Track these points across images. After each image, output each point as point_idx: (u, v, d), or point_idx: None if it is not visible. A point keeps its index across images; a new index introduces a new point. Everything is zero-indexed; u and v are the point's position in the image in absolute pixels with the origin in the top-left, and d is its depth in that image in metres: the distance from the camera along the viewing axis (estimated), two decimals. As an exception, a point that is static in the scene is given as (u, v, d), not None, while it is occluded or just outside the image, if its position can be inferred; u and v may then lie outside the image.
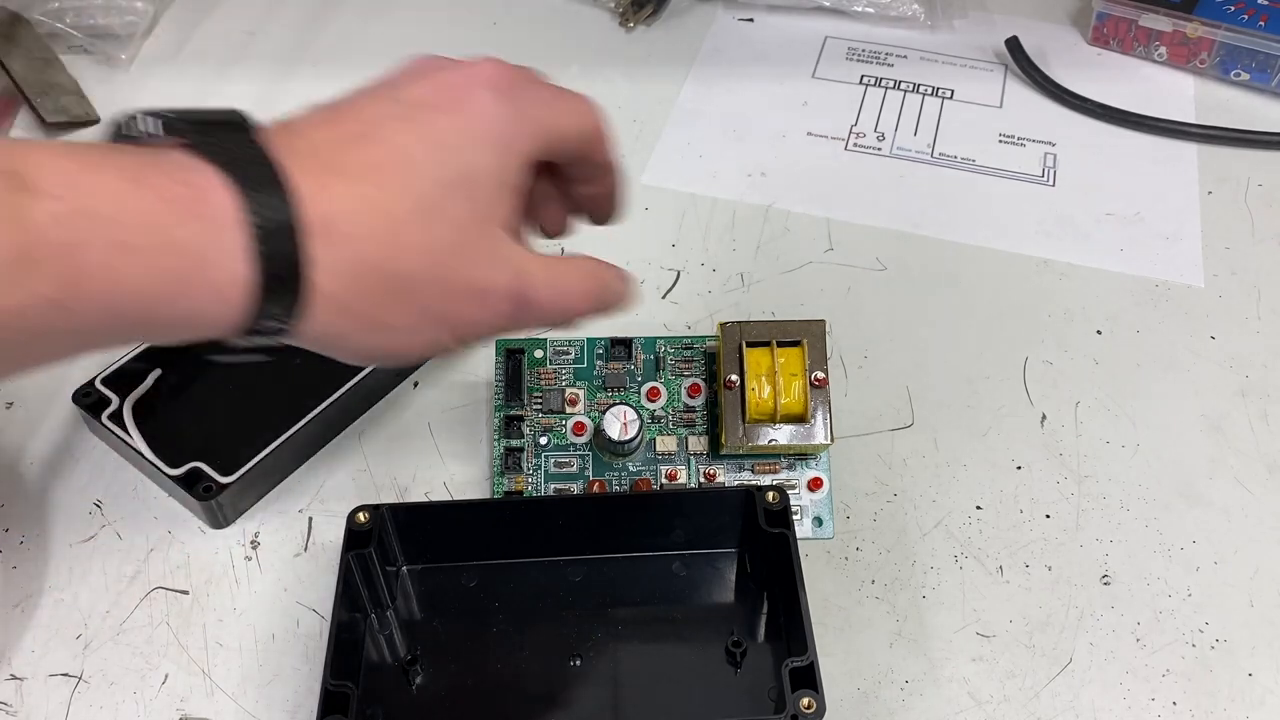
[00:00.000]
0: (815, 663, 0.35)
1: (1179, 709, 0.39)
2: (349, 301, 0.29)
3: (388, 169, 0.30)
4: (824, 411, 0.42)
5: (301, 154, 0.29)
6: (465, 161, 0.31)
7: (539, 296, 0.33)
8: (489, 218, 0.32)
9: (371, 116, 0.31)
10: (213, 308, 0.27)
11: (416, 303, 0.30)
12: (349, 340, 0.30)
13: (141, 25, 0.66)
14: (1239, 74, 0.62)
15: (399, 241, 0.29)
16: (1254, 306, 0.52)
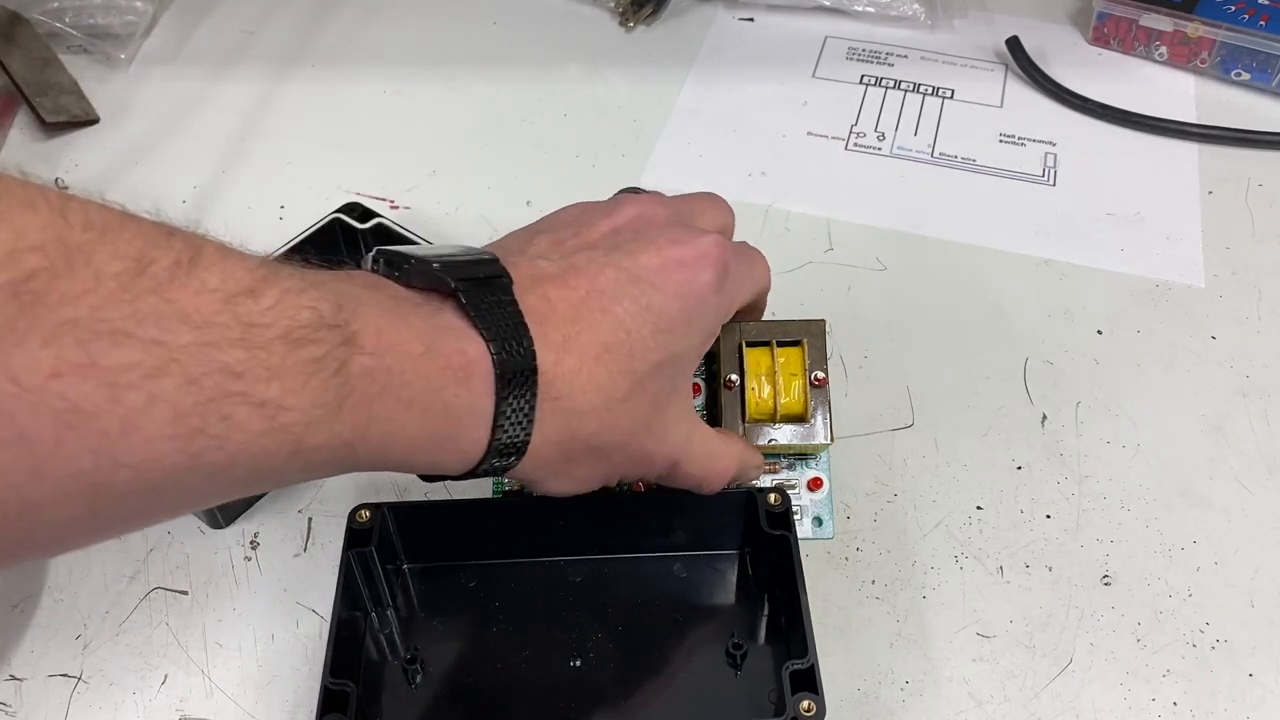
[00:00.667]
0: (816, 665, 0.35)
1: (1179, 709, 0.39)
2: (553, 461, 0.33)
3: (614, 349, 0.32)
4: (824, 411, 0.41)
5: (545, 321, 0.31)
6: (680, 344, 0.34)
7: (689, 469, 0.37)
8: (679, 393, 0.35)
9: (606, 287, 0.33)
10: (453, 461, 0.31)
11: (606, 463, 0.34)
12: (540, 481, 0.34)
13: (141, 25, 0.66)
14: (1240, 74, 0.62)
15: (608, 419, 0.33)
16: (1254, 306, 0.52)
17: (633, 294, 0.33)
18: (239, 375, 0.24)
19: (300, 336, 0.25)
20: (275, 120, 0.62)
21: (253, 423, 0.25)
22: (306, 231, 0.52)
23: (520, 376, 0.30)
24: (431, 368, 0.29)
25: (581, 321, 0.32)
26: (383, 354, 0.27)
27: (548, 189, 0.58)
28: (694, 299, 0.34)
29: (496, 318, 0.30)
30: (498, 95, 0.63)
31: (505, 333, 0.30)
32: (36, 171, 0.62)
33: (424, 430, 0.29)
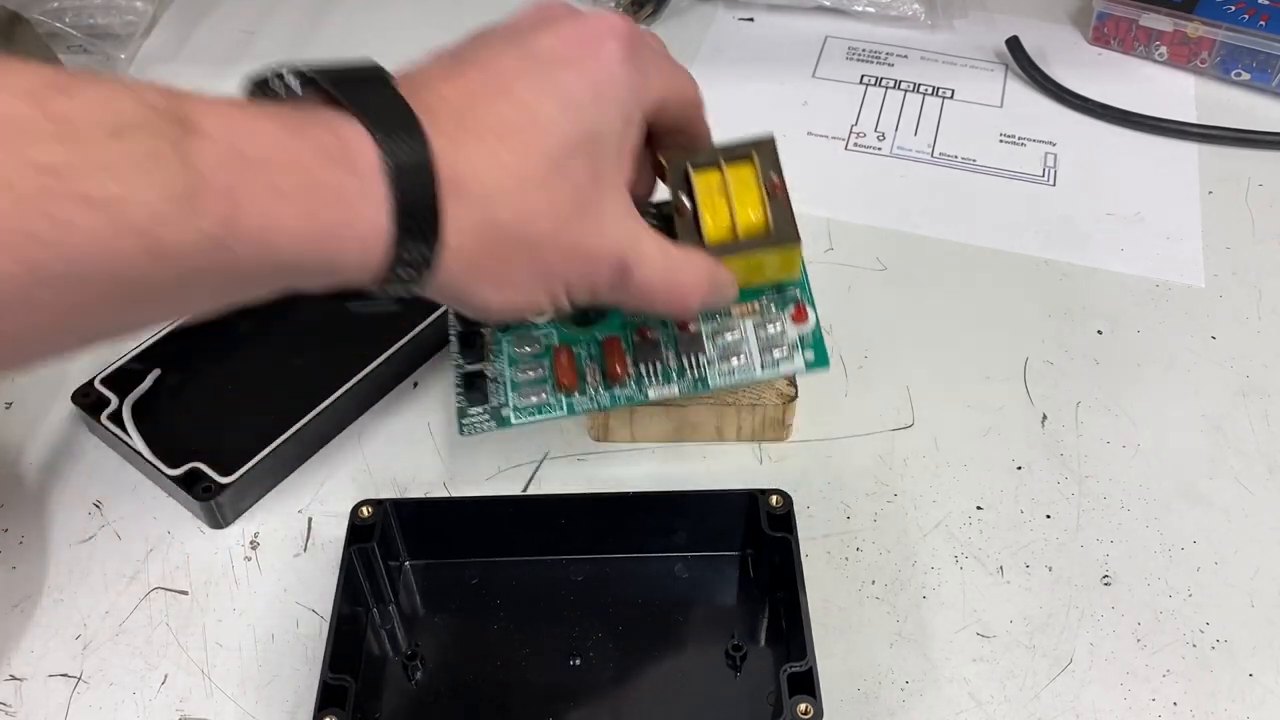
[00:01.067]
0: (814, 668, 0.35)
1: (1179, 709, 0.39)
2: (477, 258, 0.30)
3: (519, 129, 0.30)
4: (785, 216, 0.37)
5: (436, 111, 0.29)
6: (592, 120, 0.31)
7: (647, 275, 0.34)
8: (609, 180, 0.33)
9: (500, 70, 0.31)
10: (356, 254, 0.28)
11: (539, 261, 0.31)
12: (473, 292, 0.31)
13: (140, 25, 0.66)
14: (1240, 74, 0.62)
15: (527, 204, 0.30)
16: (1255, 306, 0.52)
17: (532, 72, 0.31)
18: (59, 173, 0.23)
19: (123, 125, 0.24)
20: (275, 120, 0.62)
21: (90, 222, 0.23)
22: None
23: (410, 157, 0.28)
24: (300, 148, 0.27)
25: (478, 106, 0.30)
26: (234, 140, 0.26)
27: (548, 189, 0.58)
28: (601, 71, 0.32)
29: (374, 105, 0.28)
30: (498, 95, 0.63)
31: (386, 117, 0.28)
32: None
33: (309, 220, 0.27)
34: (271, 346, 0.48)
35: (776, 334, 0.40)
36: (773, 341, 0.40)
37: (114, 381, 0.46)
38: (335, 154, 0.27)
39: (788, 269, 0.39)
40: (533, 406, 0.40)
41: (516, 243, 0.31)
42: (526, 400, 0.40)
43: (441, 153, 0.28)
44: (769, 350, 0.40)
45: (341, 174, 0.27)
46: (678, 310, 0.36)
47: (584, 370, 0.40)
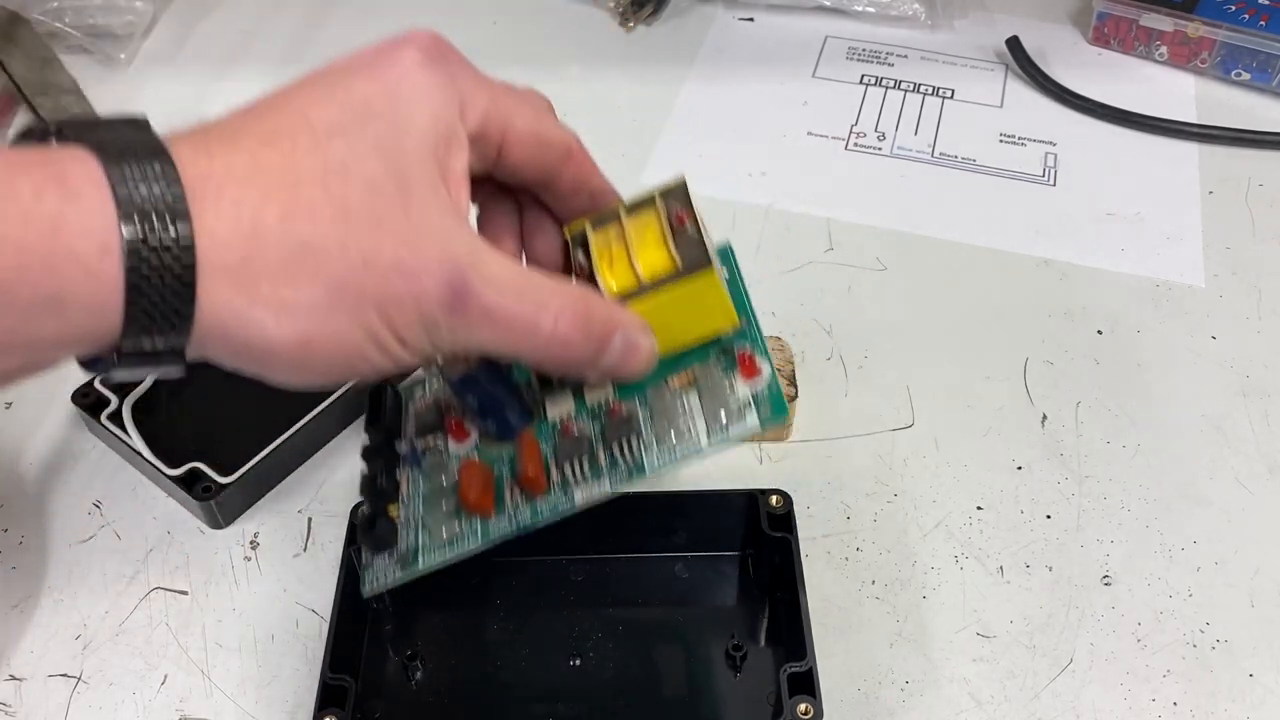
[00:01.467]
0: (814, 668, 0.35)
1: (1180, 709, 0.39)
2: (245, 275, 0.24)
3: (287, 132, 0.26)
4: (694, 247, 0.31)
5: (190, 133, 0.25)
6: (384, 121, 0.27)
7: (489, 295, 0.27)
8: (418, 188, 0.27)
9: (282, 92, 0.27)
10: (83, 289, 0.23)
11: (325, 273, 0.25)
12: (251, 327, 0.25)
13: (141, 25, 0.66)
14: (1240, 74, 0.62)
15: (299, 202, 0.25)
16: (1255, 306, 0.52)
17: (312, 82, 0.27)
18: None
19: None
20: (275, 120, 0.62)
21: None
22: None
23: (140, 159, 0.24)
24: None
25: (243, 120, 0.26)
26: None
27: (548, 189, 0.58)
28: (395, 75, 0.28)
29: (109, 133, 0.24)
30: (498, 95, 0.63)
31: (117, 139, 0.24)
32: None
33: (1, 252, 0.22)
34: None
35: (724, 394, 0.33)
36: (721, 403, 0.33)
37: (114, 381, 0.46)
38: (33, 169, 0.23)
39: (718, 313, 0.32)
40: (442, 543, 0.34)
41: (293, 249, 0.25)
42: (437, 537, 0.34)
43: (184, 158, 0.24)
44: (716, 414, 0.33)
45: (41, 189, 0.23)
46: (556, 351, 0.29)
47: (502, 490, 0.34)
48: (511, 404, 0.34)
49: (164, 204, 0.23)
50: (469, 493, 0.33)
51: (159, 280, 0.24)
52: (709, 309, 0.32)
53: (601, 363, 0.30)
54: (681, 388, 0.33)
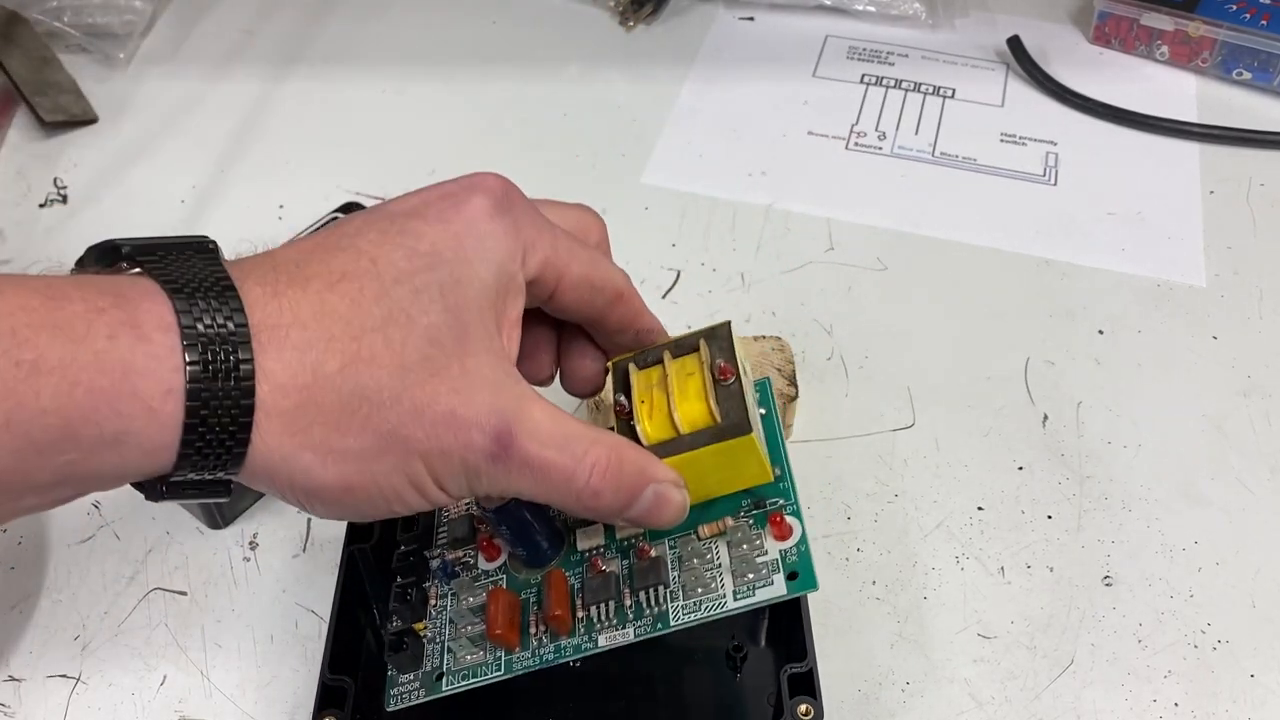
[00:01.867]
0: (815, 669, 0.35)
1: (1181, 710, 0.38)
2: (299, 420, 0.25)
3: (355, 275, 0.26)
4: (736, 405, 0.31)
5: (259, 267, 0.26)
6: (450, 270, 0.27)
7: (530, 447, 0.27)
8: (475, 337, 0.27)
9: (349, 229, 0.28)
10: (143, 428, 0.24)
11: (376, 422, 0.26)
12: (298, 469, 0.26)
13: (140, 24, 0.66)
14: (1241, 73, 0.62)
15: (361, 352, 0.26)
16: (1256, 306, 0.52)
17: (382, 226, 0.27)
18: None
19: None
20: (274, 120, 0.62)
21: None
22: (305, 231, 0.52)
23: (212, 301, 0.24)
24: (63, 314, 0.23)
25: (310, 259, 0.26)
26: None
27: (547, 189, 0.57)
28: (462, 222, 0.28)
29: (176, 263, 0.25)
30: (498, 95, 0.63)
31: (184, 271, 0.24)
32: (35, 171, 0.62)
33: (73, 396, 0.23)
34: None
35: (753, 552, 0.32)
36: (749, 562, 0.32)
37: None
38: (108, 311, 0.23)
39: (753, 470, 0.32)
40: (466, 669, 0.34)
41: (348, 398, 0.25)
42: (462, 662, 0.34)
43: (255, 302, 0.25)
44: (744, 573, 0.32)
45: (115, 332, 0.23)
46: (587, 501, 0.29)
47: (527, 620, 0.34)
48: (544, 533, 0.34)
49: (230, 351, 0.24)
50: (495, 625, 0.33)
51: (216, 421, 0.24)
52: (745, 467, 0.32)
53: (630, 513, 0.30)
54: (711, 536, 0.33)
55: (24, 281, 0.24)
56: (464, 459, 0.27)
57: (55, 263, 0.54)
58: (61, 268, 0.50)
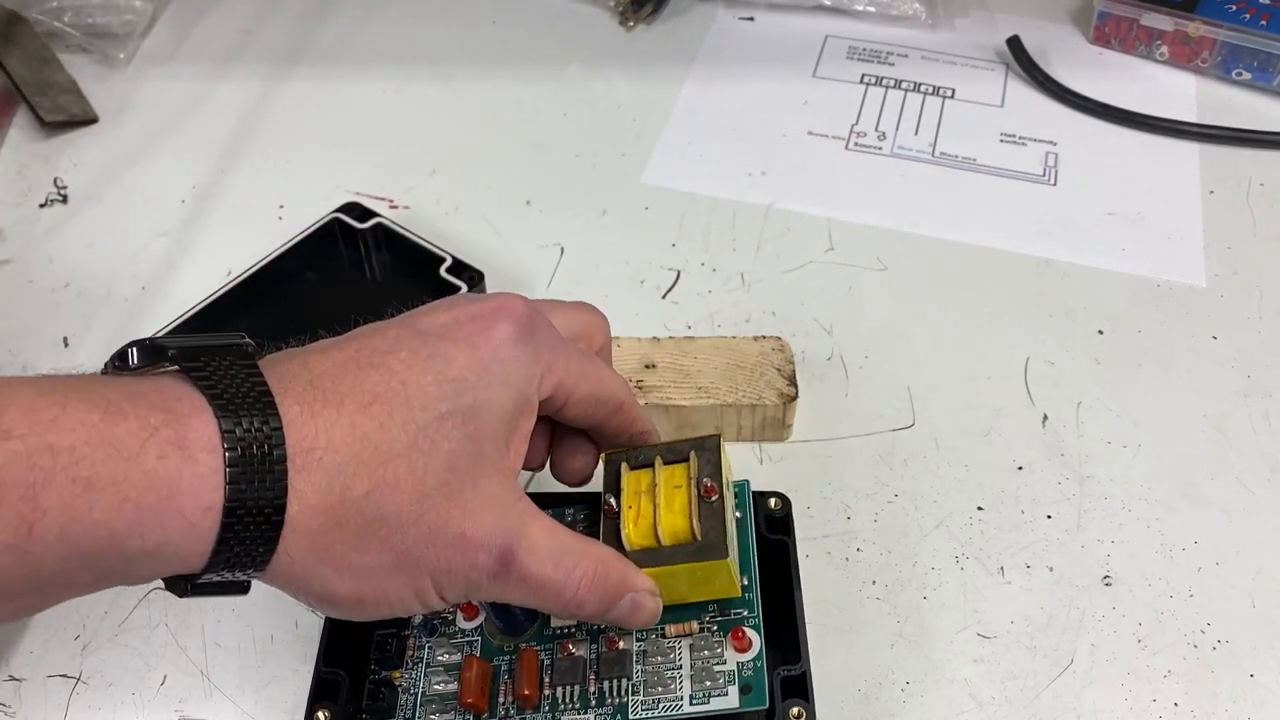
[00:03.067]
0: (808, 671, 0.35)
1: (1180, 710, 0.38)
2: (323, 538, 0.27)
3: (386, 398, 0.28)
4: (716, 525, 0.33)
5: (297, 380, 0.27)
6: (474, 397, 0.29)
7: (529, 565, 0.30)
8: (488, 459, 0.30)
9: (379, 343, 0.30)
10: (181, 540, 0.25)
11: (393, 543, 0.28)
12: (316, 580, 0.28)
13: (140, 24, 0.66)
14: (1240, 73, 0.62)
15: (386, 478, 0.28)
16: (1256, 306, 0.52)
17: (412, 345, 0.29)
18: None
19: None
20: (274, 120, 0.62)
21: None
22: (306, 231, 0.52)
23: (254, 424, 0.26)
24: (118, 433, 0.24)
25: (345, 376, 0.28)
26: (40, 432, 0.24)
27: (547, 189, 0.58)
28: (488, 348, 0.30)
29: (221, 374, 0.26)
30: (498, 95, 0.63)
31: (229, 384, 0.26)
32: (35, 171, 0.62)
33: (122, 511, 0.24)
34: (272, 344, 0.48)
35: (713, 660, 0.34)
36: (708, 670, 0.34)
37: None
38: (160, 431, 0.25)
39: (724, 585, 0.34)
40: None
41: (370, 520, 0.27)
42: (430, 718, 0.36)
43: (291, 422, 0.26)
44: (702, 679, 0.34)
45: (165, 453, 0.25)
46: (572, 610, 0.32)
47: (498, 688, 0.36)
48: (521, 610, 0.36)
49: (268, 473, 0.26)
50: (468, 692, 0.35)
51: (247, 535, 0.26)
52: (717, 582, 0.34)
53: (608, 616, 0.32)
54: (676, 636, 0.35)
55: (86, 391, 0.25)
56: (468, 576, 0.30)
57: (55, 262, 0.54)
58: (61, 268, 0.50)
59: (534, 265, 0.54)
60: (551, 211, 0.56)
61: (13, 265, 0.54)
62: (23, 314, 0.52)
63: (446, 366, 0.29)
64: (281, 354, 0.29)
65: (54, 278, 0.54)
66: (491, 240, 0.55)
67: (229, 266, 0.52)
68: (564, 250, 0.54)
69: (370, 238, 0.52)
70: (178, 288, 0.53)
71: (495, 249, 0.54)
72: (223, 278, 0.51)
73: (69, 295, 0.53)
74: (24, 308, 0.52)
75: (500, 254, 0.54)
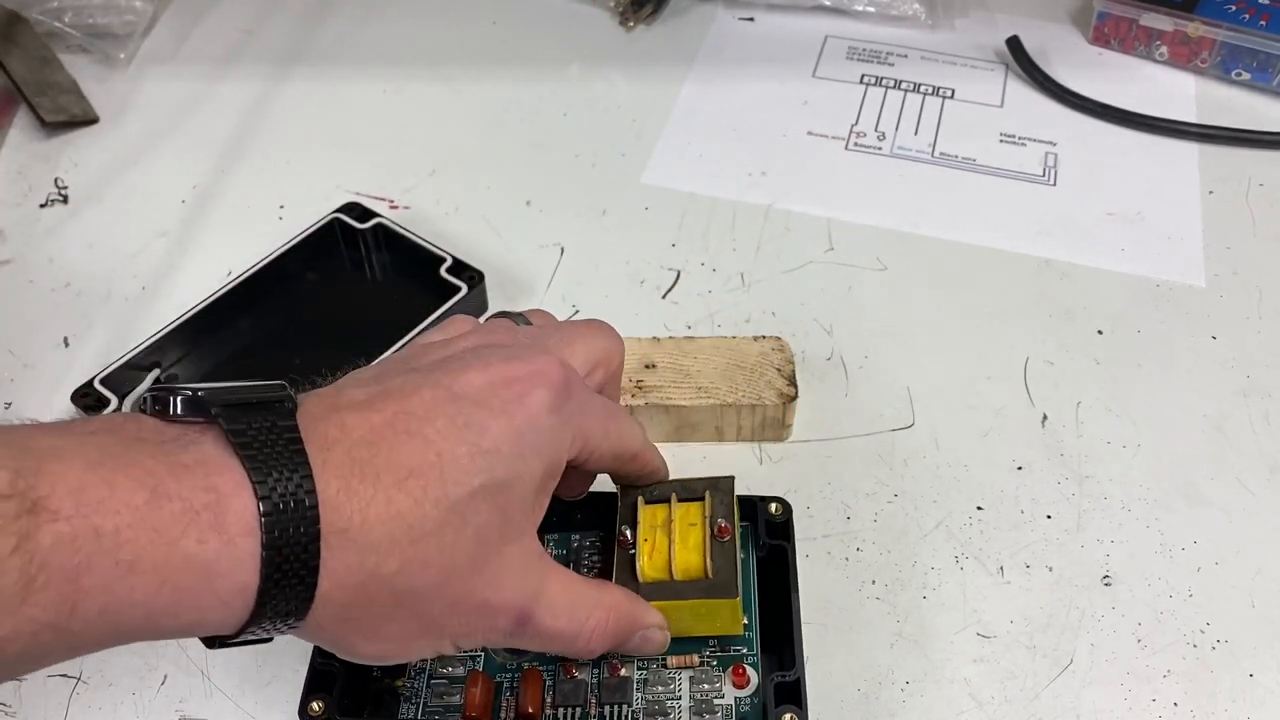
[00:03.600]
0: (802, 678, 0.35)
1: (1180, 710, 0.39)
2: (351, 610, 0.28)
3: (421, 472, 0.28)
4: (727, 564, 0.35)
5: (334, 447, 0.28)
6: (506, 468, 0.30)
7: (550, 622, 0.32)
8: (517, 527, 0.31)
9: (415, 406, 0.29)
10: (215, 615, 0.26)
11: (419, 613, 0.29)
12: (342, 642, 0.29)
13: (140, 24, 0.66)
14: (1240, 73, 0.62)
15: (416, 555, 0.28)
16: (1255, 306, 0.52)
17: (449, 413, 0.29)
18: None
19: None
20: (274, 120, 0.62)
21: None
22: (306, 231, 0.52)
23: (292, 504, 0.26)
24: (161, 516, 0.25)
25: (381, 445, 0.28)
26: (86, 514, 0.24)
27: (548, 189, 0.58)
28: (524, 417, 0.30)
29: (263, 443, 0.26)
30: (498, 95, 0.63)
31: (272, 457, 0.26)
32: (36, 171, 0.62)
33: (160, 593, 0.25)
34: (273, 345, 0.48)
35: (712, 694, 0.36)
36: (707, 703, 0.36)
37: (114, 382, 0.46)
38: (203, 513, 0.25)
39: (726, 623, 0.36)
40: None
41: (399, 594, 0.28)
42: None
43: (328, 500, 0.27)
44: (700, 712, 0.36)
45: (205, 537, 0.25)
46: (583, 655, 0.34)
47: (499, 704, 0.37)
48: None
49: (303, 555, 0.26)
50: (471, 708, 0.36)
51: (276, 611, 0.27)
52: (721, 620, 0.36)
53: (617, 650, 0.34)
54: (677, 668, 0.37)
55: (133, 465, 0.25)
56: (487, 636, 0.31)
57: (55, 262, 0.54)
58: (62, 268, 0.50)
59: (534, 265, 0.54)
60: (551, 211, 0.56)
61: (13, 265, 0.54)
62: (23, 314, 0.52)
63: (481, 438, 0.29)
64: (319, 403, 0.29)
65: (54, 278, 0.54)
66: (491, 240, 0.55)
67: (229, 266, 0.52)
68: (564, 250, 0.54)
69: (370, 238, 0.53)
70: (178, 288, 0.53)
71: (495, 249, 0.54)
72: (223, 278, 0.51)
73: (69, 295, 0.53)
74: (24, 308, 0.52)
75: (500, 254, 0.54)
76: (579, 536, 0.40)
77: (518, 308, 0.51)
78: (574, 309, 0.52)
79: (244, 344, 0.49)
